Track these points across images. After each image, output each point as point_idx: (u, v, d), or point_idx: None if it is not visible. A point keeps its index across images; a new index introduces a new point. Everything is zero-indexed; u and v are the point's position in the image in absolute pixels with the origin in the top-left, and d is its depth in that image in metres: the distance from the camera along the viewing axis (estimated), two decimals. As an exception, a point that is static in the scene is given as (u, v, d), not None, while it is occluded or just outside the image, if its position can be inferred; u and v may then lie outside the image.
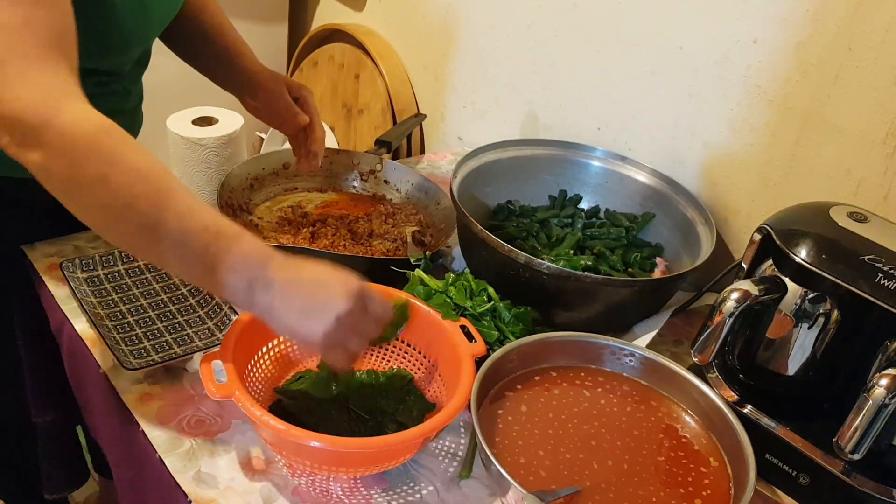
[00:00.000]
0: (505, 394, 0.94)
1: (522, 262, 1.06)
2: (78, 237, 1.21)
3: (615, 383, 0.99)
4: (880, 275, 0.84)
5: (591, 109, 1.47)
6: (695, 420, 0.95)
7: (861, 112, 1.09)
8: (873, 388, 0.79)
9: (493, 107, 1.68)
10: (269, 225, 1.27)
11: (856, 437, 0.81)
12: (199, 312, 1.09)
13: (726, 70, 1.23)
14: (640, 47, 1.35)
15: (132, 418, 0.94)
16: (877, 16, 1.05)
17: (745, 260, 0.97)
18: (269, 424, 0.81)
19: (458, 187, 1.21)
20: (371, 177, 1.42)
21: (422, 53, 1.83)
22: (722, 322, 0.89)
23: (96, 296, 1.09)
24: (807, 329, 0.91)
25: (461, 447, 0.96)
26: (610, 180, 1.36)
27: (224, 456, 0.91)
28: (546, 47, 1.52)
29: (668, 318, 1.17)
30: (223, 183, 1.26)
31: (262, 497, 0.86)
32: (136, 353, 1.01)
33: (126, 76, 1.10)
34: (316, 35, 2.06)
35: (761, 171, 1.23)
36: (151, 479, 0.92)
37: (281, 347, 0.99)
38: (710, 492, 0.86)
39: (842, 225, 0.90)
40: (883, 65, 1.06)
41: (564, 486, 0.84)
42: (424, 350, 1.01)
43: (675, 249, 1.26)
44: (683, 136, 1.33)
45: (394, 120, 1.85)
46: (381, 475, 0.90)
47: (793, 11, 1.13)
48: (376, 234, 1.26)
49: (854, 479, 0.89)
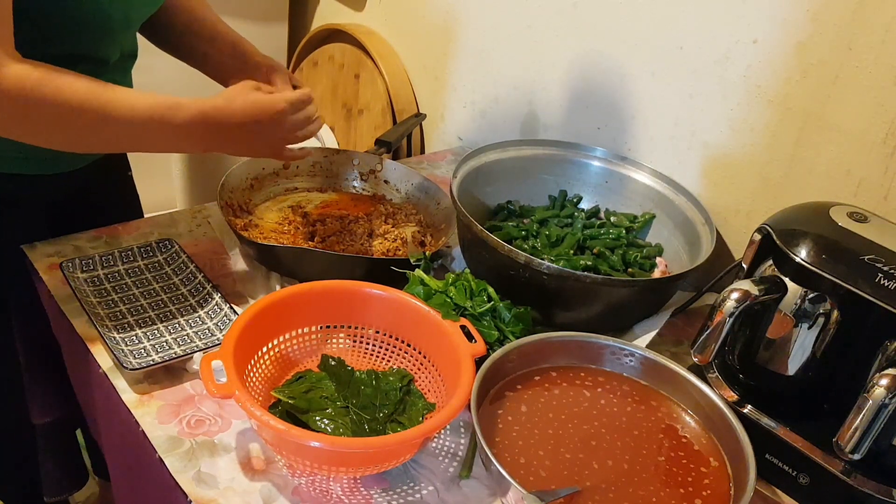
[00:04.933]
0: (505, 394, 0.94)
1: (522, 262, 1.06)
2: (78, 237, 1.21)
3: (615, 383, 0.99)
4: (880, 275, 0.84)
5: (591, 109, 1.47)
6: (695, 420, 0.95)
7: (861, 112, 1.09)
8: (873, 388, 0.79)
9: (493, 107, 1.68)
10: (269, 225, 1.27)
11: (856, 437, 0.81)
12: (199, 312, 1.09)
13: (726, 70, 1.23)
14: (640, 47, 1.35)
15: (132, 418, 0.94)
16: (877, 16, 1.05)
17: (745, 260, 0.97)
18: (269, 424, 0.81)
19: (458, 187, 1.21)
20: (371, 177, 1.42)
21: (422, 53, 1.83)
22: (722, 322, 0.89)
23: (96, 296, 1.09)
24: (807, 329, 0.91)
25: (461, 447, 0.96)
26: (610, 180, 1.36)
27: (224, 456, 0.90)
28: (546, 47, 1.52)
29: (668, 318, 1.17)
30: (223, 183, 1.25)
31: (262, 497, 0.86)
32: (136, 353, 1.01)
33: (112, 67, 1.10)
34: (316, 35, 2.06)
35: (761, 171, 1.23)
36: (151, 479, 0.92)
37: (281, 347, 0.99)
38: (710, 492, 0.86)
39: (842, 225, 0.90)
40: (883, 65, 1.06)
41: (564, 486, 0.84)
42: (424, 350, 1.01)
43: (675, 249, 1.26)
44: (683, 136, 1.33)
45: (394, 120, 1.85)
46: (381, 475, 0.90)
47: (793, 11, 1.13)
48: (376, 234, 1.26)
49: (854, 479, 0.89)
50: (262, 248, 1.17)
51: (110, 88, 0.94)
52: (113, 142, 1.00)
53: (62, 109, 0.91)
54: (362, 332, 1.04)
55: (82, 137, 0.96)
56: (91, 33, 1.02)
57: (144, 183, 1.47)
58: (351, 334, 1.04)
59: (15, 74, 0.87)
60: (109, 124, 0.94)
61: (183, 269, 1.15)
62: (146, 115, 0.95)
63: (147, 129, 0.97)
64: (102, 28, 1.03)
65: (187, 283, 1.13)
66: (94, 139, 0.97)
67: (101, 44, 1.05)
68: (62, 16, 0.97)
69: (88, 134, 0.96)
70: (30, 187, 1.14)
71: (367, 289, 1.02)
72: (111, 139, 0.98)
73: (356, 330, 1.04)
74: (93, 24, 1.01)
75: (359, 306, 1.02)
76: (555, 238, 1.25)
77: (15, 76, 0.87)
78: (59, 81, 0.90)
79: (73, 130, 0.94)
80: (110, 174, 1.33)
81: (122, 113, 0.94)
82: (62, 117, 0.92)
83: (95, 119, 0.93)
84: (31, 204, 1.18)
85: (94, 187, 1.27)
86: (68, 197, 1.23)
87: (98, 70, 1.05)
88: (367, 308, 1.02)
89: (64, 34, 0.99)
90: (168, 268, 1.16)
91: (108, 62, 1.08)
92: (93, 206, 1.28)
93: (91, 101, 0.92)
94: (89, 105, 0.92)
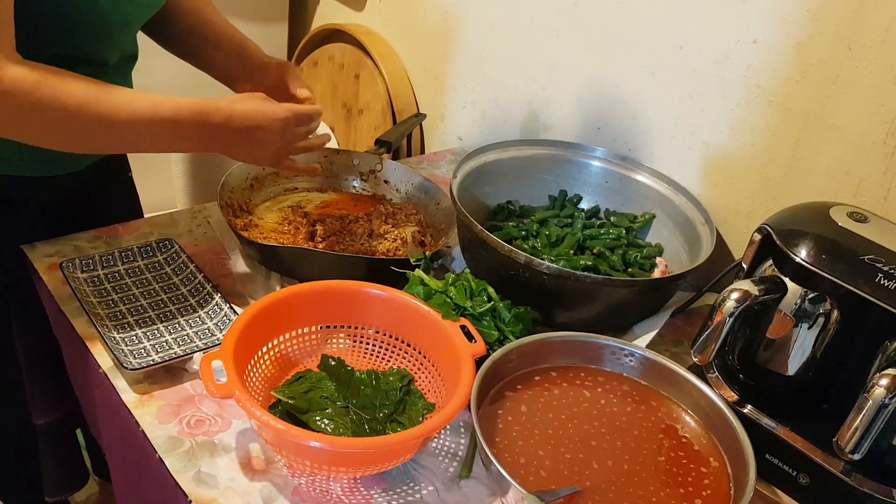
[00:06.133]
0: (505, 394, 0.94)
1: (522, 262, 1.06)
2: (78, 237, 1.21)
3: (615, 383, 0.99)
4: (880, 275, 0.84)
5: (591, 109, 1.47)
6: (695, 420, 0.95)
7: (861, 112, 1.09)
8: (873, 388, 0.79)
9: (493, 107, 1.68)
10: (269, 225, 1.27)
11: (856, 437, 0.81)
12: (199, 312, 1.09)
13: (726, 70, 1.23)
14: (640, 47, 1.35)
15: (132, 418, 0.94)
16: (877, 16, 1.05)
17: (745, 260, 0.97)
18: (269, 424, 0.81)
19: (458, 187, 1.21)
20: (371, 177, 1.42)
21: (422, 53, 1.83)
22: (722, 322, 0.89)
23: (96, 296, 1.09)
24: (807, 329, 0.91)
25: (461, 447, 0.96)
26: (610, 180, 1.36)
27: (224, 456, 0.91)
28: (546, 47, 1.52)
29: (668, 318, 1.17)
30: (223, 183, 1.26)
31: (262, 497, 0.86)
32: (136, 353, 1.01)
33: (112, 69, 1.10)
34: (316, 35, 2.06)
35: (761, 171, 1.23)
36: (151, 479, 0.92)
37: (281, 347, 0.99)
38: (710, 492, 0.86)
39: (842, 225, 0.90)
40: (883, 65, 1.06)
41: (564, 486, 0.84)
42: (424, 350, 1.01)
43: (675, 249, 1.26)
44: (683, 136, 1.33)
45: (394, 120, 1.85)
46: (381, 475, 0.90)
47: (793, 11, 1.13)
48: (376, 234, 1.26)
49: (854, 479, 0.89)
50: (263, 248, 1.17)
51: (109, 89, 0.94)
52: (112, 143, 1.00)
53: (60, 110, 0.91)
54: (362, 332, 1.04)
55: (81, 138, 0.96)
56: (90, 35, 1.02)
57: (144, 183, 1.47)
58: (351, 334, 1.04)
59: (13, 76, 0.88)
60: (108, 125, 0.94)
61: (183, 269, 1.15)
62: (145, 116, 0.95)
63: (146, 130, 0.96)
64: (101, 30, 1.03)
65: (187, 283, 1.13)
66: (93, 140, 0.97)
67: (101, 45, 1.05)
68: (62, 17, 0.97)
69: (87, 135, 0.96)
70: (30, 188, 1.14)
71: (367, 289, 1.02)
72: (110, 140, 0.98)
73: (356, 330, 1.04)
74: (92, 26, 1.01)
75: (359, 306, 1.02)
76: (555, 238, 1.25)
77: (13, 77, 0.88)
78: (57, 83, 0.90)
79: (71, 131, 0.94)
80: (111, 176, 1.33)
81: (120, 114, 0.94)
82: (61, 118, 0.92)
83: (94, 120, 0.93)
84: (32, 204, 1.18)
85: (94, 189, 1.27)
86: (69, 198, 1.23)
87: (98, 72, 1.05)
88: (367, 308, 1.02)
89: (63, 36, 0.99)
90: (168, 268, 1.16)
91: (107, 64, 1.08)
92: (93, 207, 1.28)
93: (89, 101, 0.92)
94: (87, 106, 0.92)
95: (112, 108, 0.93)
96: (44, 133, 0.94)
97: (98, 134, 0.96)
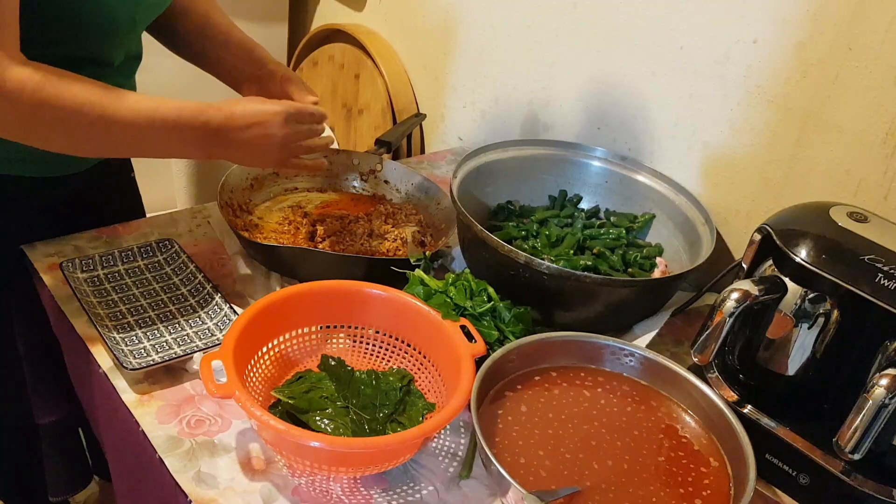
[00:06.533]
0: (505, 394, 0.94)
1: (522, 262, 1.06)
2: (78, 237, 1.21)
3: (615, 383, 0.99)
4: (880, 275, 0.84)
5: (591, 109, 1.47)
6: (695, 420, 0.95)
7: (861, 112, 1.09)
8: (873, 388, 0.79)
9: (493, 107, 1.68)
10: (269, 225, 1.27)
11: (856, 437, 0.81)
12: (199, 312, 1.09)
13: (726, 70, 1.23)
14: (640, 47, 1.35)
15: (132, 418, 0.94)
16: (877, 16, 1.05)
17: (745, 260, 0.97)
18: (269, 424, 0.81)
19: (458, 187, 1.21)
20: (371, 177, 1.42)
21: (422, 53, 1.83)
22: (722, 322, 0.89)
23: (96, 296, 1.09)
24: (807, 329, 0.91)
25: (461, 447, 0.96)
26: (610, 180, 1.36)
27: (224, 456, 0.91)
28: (546, 47, 1.52)
29: (668, 318, 1.17)
30: (223, 183, 1.26)
31: (262, 497, 0.86)
32: (136, 353, 1.01)
33: (116, 69, 1.10)
34: (316, 35, 2.06)
35: (761, 171, 1.23)
36: (151, 479, 0.92)
37: (281, 347, 0.99)
38: (710, 492, 0.86)
39: (842, 225, 0.90)
40: (883, 65, 1.06)
41: (564, 486, 0.84)
42: (424, 350, 1.01)
43: (675, 249, 1.26)
44: (683, 136, 1.33)
45: (394, 120, 1.85)
46: (381, 475, 0.90)
47: (793, 11, 1.13)
48: (376, 234, 1.26)
49: (854, 479, 0.89)
50: (263, 248, 1.17)
51: (112, 92, 0.94)
52: (114, 146, 1.00)
53: (63, 112, 0.91)
54: (362, 332, 1.04)
55: (84, 141, 0.96)
56: (96, 35, 1.02)
57: (145, 183, 1.47)
58: (351, 334, 1.04)
59: (17, 77, 0.87)
60: (111, 128, 0.94)
61: (183, 269, 1.15)
62: (148, 119, 0.95)
63: (148, 132, 0.96)
64: (108, 30, 1.03)
65: (187, 283, 1.13)
66: (96, 143, 0.97)
67: (106, 46, 1.05)
68: (68, 17, 0.97)
69: (90, 137, 0.95)
70: (31, 188, 1.14)
71: (367, 289, 1.02)
72: (112, 143, 0.98)
73: (356, 330, 1.04)
74: (98, 26, 1.01)
75: (359, 306, 1.02)
76: (555, 238, 1.25)
77: (17, 79, 0.87)
78: (60, 84, 0.90)
79: (74, 134, 0.94)
80: (113, 176, 1.33)
81: (123, 117, 0.94)
82: (63, 120, 0.91)
83: (97, 123, 0.93)
84: (32, 204, 1.18)
85: (97, 189, 1.27)
86: (70, 198, 1.23)
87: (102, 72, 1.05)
88: (367, 308, 1.02)
89: (69, 36, 0.99)
90: (168, 268, 1.16)
91: (112, 64, 1.08)
92: (95, 207, 1.28)
93: (93, 104, 0.92)
94: (91, 108, 0.92)
95: (115, 110, 0.93)
96: (46, 135, 0.94)
97: (100, 136, 0.95)
